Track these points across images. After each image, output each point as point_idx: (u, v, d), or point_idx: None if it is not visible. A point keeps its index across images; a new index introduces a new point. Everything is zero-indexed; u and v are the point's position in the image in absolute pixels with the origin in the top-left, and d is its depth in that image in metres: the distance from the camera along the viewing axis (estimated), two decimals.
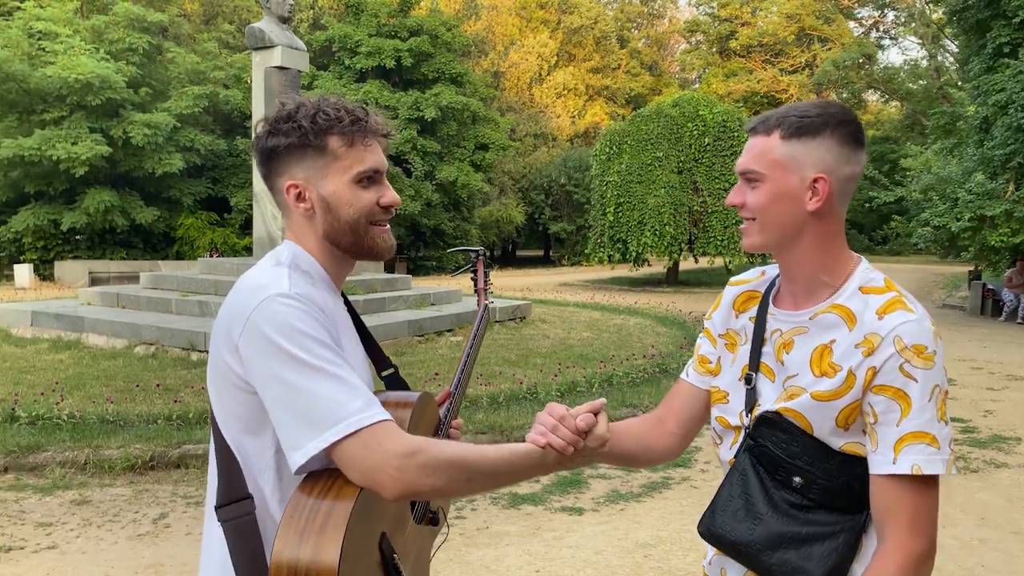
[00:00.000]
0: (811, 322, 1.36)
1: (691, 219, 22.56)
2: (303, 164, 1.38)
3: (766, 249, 1.41)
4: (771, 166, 1.35)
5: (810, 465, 1.33)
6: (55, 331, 10.00)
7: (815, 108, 1.35)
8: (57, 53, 20.95)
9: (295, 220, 1.42)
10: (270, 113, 1.42)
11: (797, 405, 1.33)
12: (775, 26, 45.89)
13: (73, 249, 23.01)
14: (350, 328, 1.48)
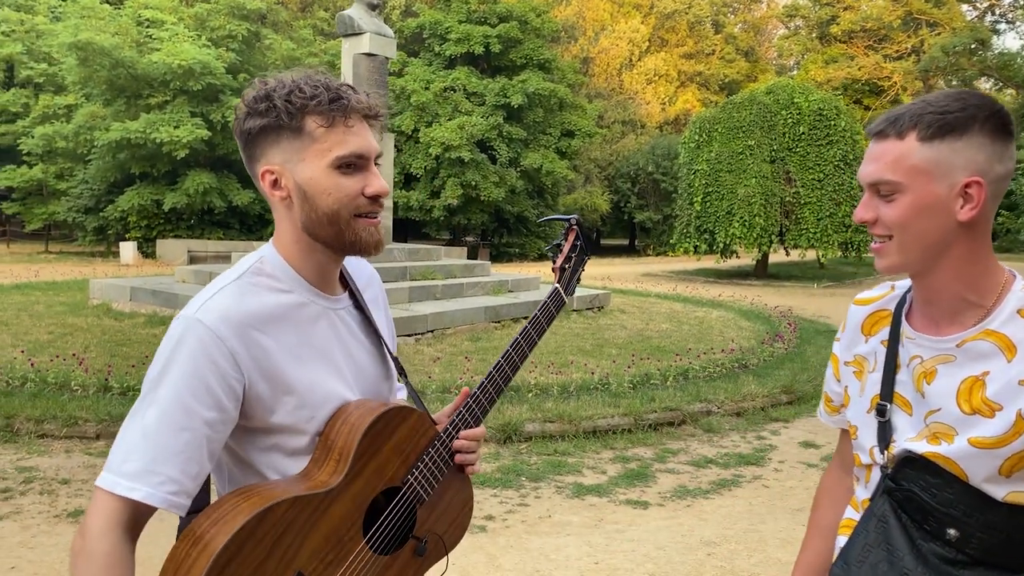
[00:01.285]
0: (959, 350, 1.19)
1: (782, 210, 21.84)
2: (279, 147, 1.24)
3: (906, 270, 1.23)
4: (911, 174, 1.16)
5: (967, 516, 1.16)
6: (151, 306, 10.49)
7: (954, 101, 1.16)
8: (162, 40, 21.90)
9: (276, 211, 1.31)
10: (248, 92, 1.28)
11: (950, 453, 1.16)
12: (880, 10, 43.84)
13: (174, 228, 24.09)
14: (344, 329, 1.36)
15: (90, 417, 5.73)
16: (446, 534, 1.40)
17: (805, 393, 7.64)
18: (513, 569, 3.87)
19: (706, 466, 5.59)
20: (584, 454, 5.73)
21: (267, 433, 1.26)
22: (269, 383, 1.23)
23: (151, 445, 1.15)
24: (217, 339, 1.18)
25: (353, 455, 1.23)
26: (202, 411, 1.17)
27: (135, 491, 1.13)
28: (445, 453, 1.39)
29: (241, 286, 1.25)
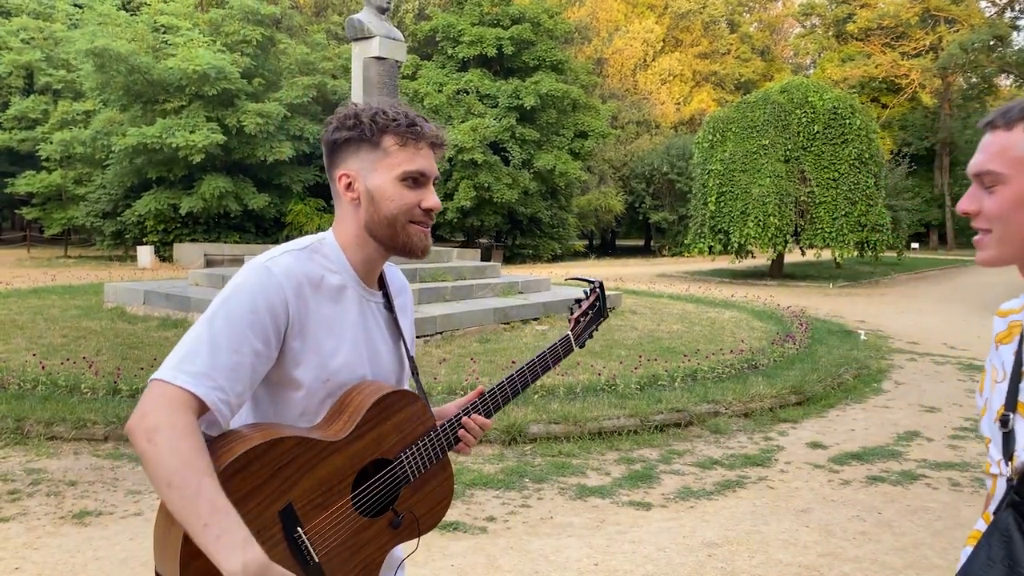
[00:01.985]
0: None
1: (797, 210, 21.70)
2: (357, 156, 1.49)
3: (1006, 263, 1.22)
4: (1014, 165, 1.17)
5: None
6: (165, 310, 10.59)
7: None
8: (178, 46, 22.12)
9: (342, 208, 1.53)
10: (340, 111, 1.53)
11: None
12: (897, 7, 43.48)
13: (191, 232, 24.31)
14: (372, 319, 1.56)
15: (99, 419, 5.79)
16: (423, 518, 1.55)
17: (815, 393, 7.59)
18: (512, 570, 3.87)
19: (711, 467, 5.57)
20: (589, 455, 5.72)
21: (287, 384, 1.44)
22: (302, 338, 1.42)
23: (210, 355, 1.31)
24: (279, 285, 1.39)
25: (361, 419, 1.43)
26: (254, 341, 1.35)
27: (196, 387, 1.28)
28: (439, 445, 1.57)
29: (302, 255, 1.47)
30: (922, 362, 10.00)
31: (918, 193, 37.14)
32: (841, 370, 8.49)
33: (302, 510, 1.36)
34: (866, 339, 11.09)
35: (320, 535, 1.38)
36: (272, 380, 1.44)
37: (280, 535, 1.33)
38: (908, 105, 44.54)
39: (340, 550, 1.41)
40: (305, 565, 1.36)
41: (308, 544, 1.36)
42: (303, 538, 1.35)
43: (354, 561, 1.44)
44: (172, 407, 1.26)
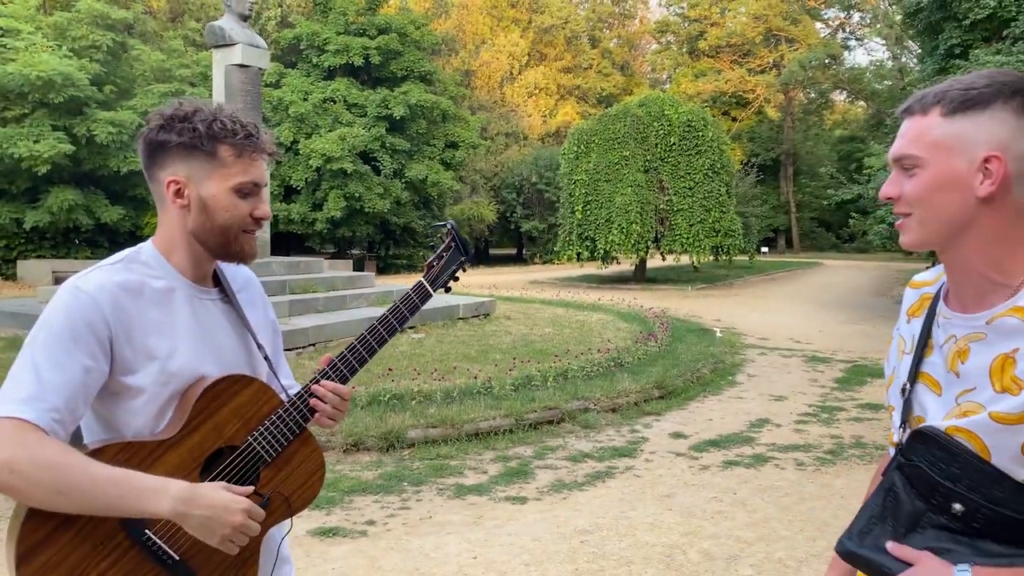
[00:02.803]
0: (988, 327, 1.16)
1: (657, 217, 22.79)
2: (188, 163, 1.45)
3: (928, 246, 1.22)
4: (931, 148, 1.16)
5: (973, 491, 1.12)
6: (12, 329, 9.95)
7: (982, 78, 1.15)
8: (18, 50, 20.67)
9: (168, 213, 1.50)
10: (164, 110, 1.49)
11: (971, 425, 1.13)
12: (743, 27, 46.42)
13: (36, 248, 22.71)
14: (208, 315, 1.53)
15: None
16: (293, 496, 1.53)
17: (676, 387, 8.07)
18: (393, 569, 3.96)
19: (582, 460, 5.85)
20: (466, 456, 5.88)
21: (126, 393, 1.42)
22: (132, 348, 1.40)
23: (35, 379, 1.30)
24: (93, 300, 1.37)
25: (192, 411, 1.41)
26: (80, 357, 1.34)
27: (27, 412, 1.26)
28: (290, 421, 1.52)
29: (116, 267, 1.45)
30: (771, 356, 10.78)
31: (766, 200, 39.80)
32: (699, 365, 9.05)
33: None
34: (721, 336, 11.83)
35: (174, 532, 1.35)
36: (111, 391, 1.41)
37: (128, 541, 1.32)
38: (755, 118, 47.57)
39: (203, 544, 1.36)
40: (165, 565, 1.35)
41: (161, 544, 1.35)
42: (152, 539, 1.34)
43: (222, 552, 1.39)
44: (14, 435, 1.25)
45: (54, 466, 1.24)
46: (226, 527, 1.31)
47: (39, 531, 1.25)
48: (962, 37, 14.81)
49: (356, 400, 6.58)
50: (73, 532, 1.28)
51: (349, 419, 6.17)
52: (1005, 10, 14.18)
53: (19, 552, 1.25)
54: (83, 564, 1.28)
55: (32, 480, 1.23)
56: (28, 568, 1.25)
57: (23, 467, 1.22)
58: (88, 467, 1.26)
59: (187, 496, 1.29)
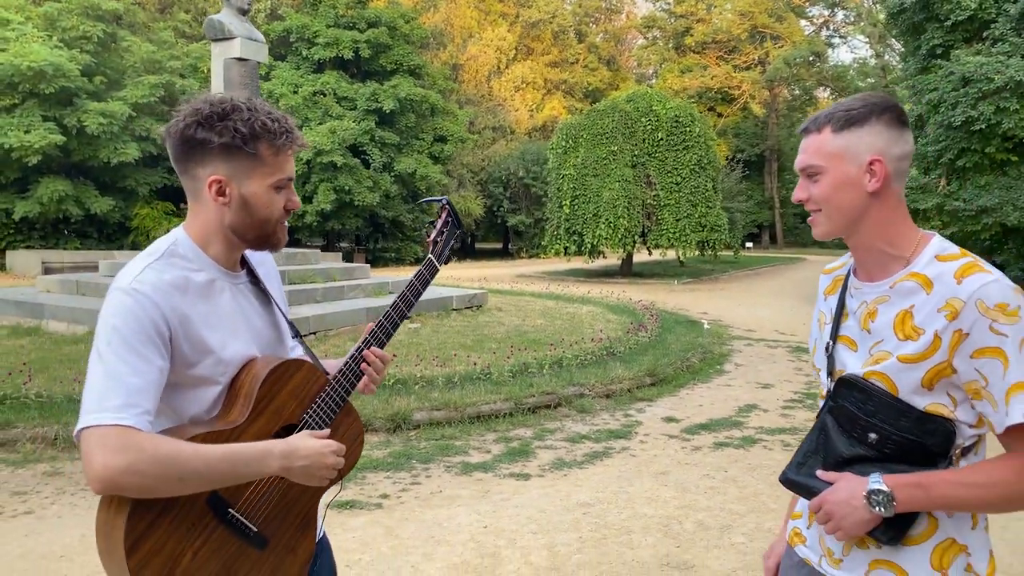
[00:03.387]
0: (891, 290, 1.45)
1: (644, 212, 23.11)
2: (230, 163, 1.51)
3: (835, 235, 1.52)
4: (828, 158, 1.46)
5: (884, 422, 1.41)
6: (14, 318, 10.09)
7: (858, 101, 1.47)
8: (9, 40, 20.67)
9: (205, 207, 1.56)
10: (198, 104, 1.52)
11: (883, 368, 1.42)
12: (729, 23, 46.82)
13: (26, 239, 22.74)
14: (244, 299, 1.64)
15: None
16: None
17: (667, 375, 8.38)
18: (410, 537, 4.23)
19: (580, 441, 6.14)
20: (470, 437, 6.15)
21: (187, 384, 1.51)
22: (190, 343, 1.49)
23: (122, 386, 1.37)
24: (152, 302, 1.44)
25: (255, 398, 1.52)
26: (154, 358, 1.42)
27: (125, 419, 1.34)
28: (336, 395, 1.67)
29: (162, 263, 1.51)
30: (758, 347, 11.12)
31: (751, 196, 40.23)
32: (689, 355, 9.36)
33: (226, 493, 1.48)
34: (709, 328, 12.16)
35: (251, 508, 1.52)
36: (171, 383, 1.48)
37: (215, 520, 1.47)
38: (741, 114, 48.04)
39: (275, 514, 1.56)
40: (246, 537, 1.51)
41: (243, 520, 1.50)
42: (236, 517, 1.49)
43: (290, 518, 1.60)
44: (123, 440, 1.32)
45: (171, 459, 1.34)
46: (322, 468, 1.51)
47: (142, 523, 1.37)
48: (944, 38, 15.21)
49: None
50: (170, 519, 1.40)
51: (357, 401, 6.42)
52: (985, 12, 14.59)
53: (128, 543, 1.36)
54: (181, 545, 1.42)
55: (156, 476, 1.32)
56: (137, 556, 1.36)
57: (144, 467, 1.31)
58: (198, 451, 1.38)
59: (288, 451, 1.46)
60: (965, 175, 14.55)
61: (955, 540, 1.43)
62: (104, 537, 1.41)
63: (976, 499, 1.36)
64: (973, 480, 1.36)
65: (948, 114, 13.97)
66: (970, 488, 1.36)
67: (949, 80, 13.98)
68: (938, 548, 1.43)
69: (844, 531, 1.43)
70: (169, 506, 1.40)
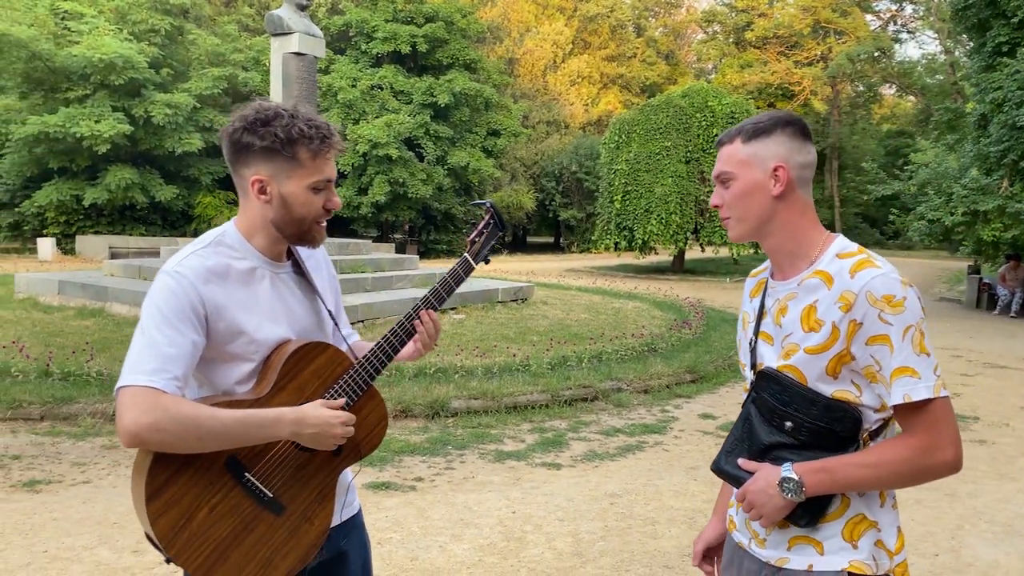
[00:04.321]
0: (799, 287, 1.57)
1: (697, 208, 22.94)
2: (271, 164, 1.65)
3: (748, 238, 1.64)
4: (738, 165, 1.59)
5: (798, 411, 1.53)
6: (80, 300, 10.59)
7: (766, 115, 1.61)
8: (82, 33, 21.54)
9: (250, 204, 1.71)
10: (246, 111, 1.67)
11: (794, 361, 1.53)
12: (791, 18, 45.89)
13: (94, 224, 23.69)
14: (285, 287, 1.76)
15: (34, 400, 5.99)
16: (362, 443, 1.79)
17: (707, 373, 8.39)
18: (441, 519, 4.39)
19: (614, 435, 6.23)
20: (505, 426, 6.29)
21: (221, 359, 1.66)
22: (225, 323, 1.63)
23: (157, 353, 1.53)
24: (191, 284, 1.60)
25: (278, 374, 1.66)
26: (189, 333, 1.57)
27: (156, 381, 1.50)
28: (361, 378, 1.76)
29: (207, 251, 1.66)
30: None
31: None
32: (731, 353, 9.34)
33: (245, 459, 1.60)
34: None
35: (268, 474, 1.63)
36: (207, 359, 1.64)
37: (232, 481, 1.59)
38: (801, 111, 47.06)
39: (292, 482, 1.67)
40: (261, 501, 1.62)
41: (258, 484, 1.62)
42: (252, 481, 1.61)
43: (308, 489, 1.69)
44: (151, 400, 1.48)
45: (191, 420, 1.48)
46: (330, 436, 1.63)
47: (163, 474, 1.52)
48: (1010, 35, 14.74)
49: (404, 372, 7.04)
50: (189, 474, 1.54)
51: (398, 388, 6.63)
52: None
53: (148, 492, 1.50)
54: (198, 500, 1.55)
55: (176, 434, 1.47)
56: (155, 504, 1.51)
57: (167, 425, 1.46)
58: (216, 415, 1.52)
59: (298, 418, 1.59)
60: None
61: (865, 516, 1.54)
62: (134, 484, 1.57)
63: (874, 478, 1.48)
64: (870, 460, 1.48)
65: (1012, 114, 13.57)
66: (868, 468, 1.48)
67: (1015, 79, 13.57)
68: (849, 523, 1.54)
69: (766, 517, 1.55)
70: (189, 463, 1.54)
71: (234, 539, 1.59)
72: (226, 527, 1.58)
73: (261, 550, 1.63)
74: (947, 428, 1.47)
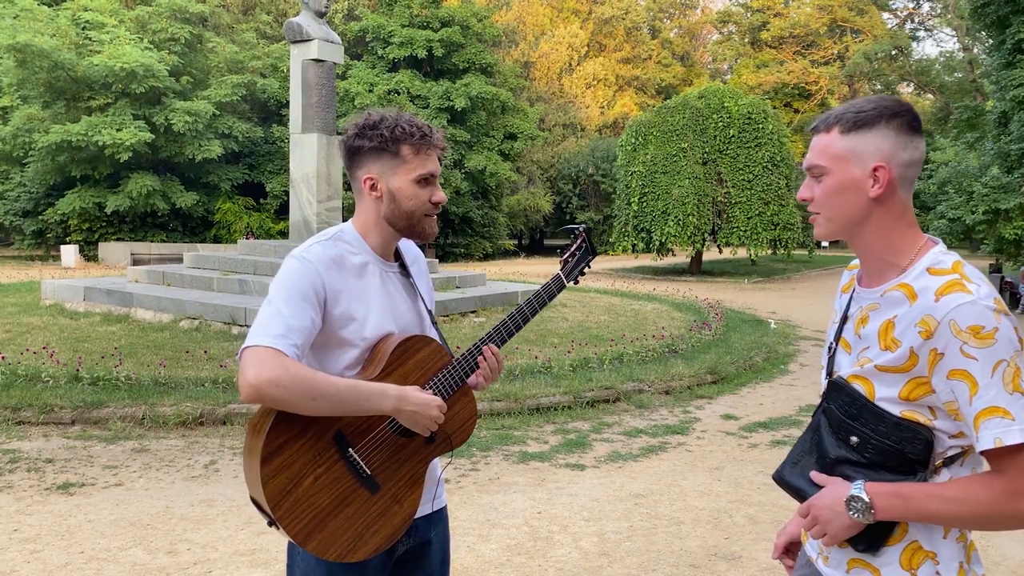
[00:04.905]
0: (882, 299, 1.45)
1: (715, 210, 22.89)
2: (379, 163, 1.81)
3: (834, 237, 1.52)
4: (833, 159, 1.46)
5: (864, 426, 1.43)
6: (106, 306, 10.73)
7: (870, 103, 1.45)
8: (103, 42, 21.81)
9: (365, 203, 1.87)
10: (358, 119, 1.85)
11: (863, 371, 1.44)
12: (807, 17, 45.69)
13: (116, 231, 23.96)
14: (392, 285, 1.89)
15: (65, 404, 6.10)
16: (453, 435, 1.89)
17: (728, 374, 8.39)
18: (467, 519, 4.43)
19: (637, 436, 6.25)
20: (528, 428, 6.33)
21: (332, 343, 1.79)
22: (339, 309, 1.77)
23: (282, 322, 1.66)
24: (315, 269, 1.75)
25: (387, 361, 1.78)
26: (309, 310, 1.71)
27: (279, 344, 1.62)
28: (457, 375, 1.87)
29: (328, 243, 1.82)
30: (824, 346, 10.96)
31: None
32: (752, 353, 9.34)
33: (350, 435, 1.72)
34: (776, 327, 12.05)
35: (368, 453, 1.74)
36: (321, 342, 1.77)
37: (337, 455, 1.70)
38: (818, 110, 46.80)
39: (388, 464, 1.77)
40: (360, 477, 1.73)
41: (360, 461, 1.73)
42: (354, 457, 1.72)
43: (401, 472, 1.80)
44: (273, 360, 1.60)
45: (308, 380, 1.60)
46: (426, 418, 1.73)
47: (279, 439, 1.63)
48: None
49: None
50: (301, 443, 1.65)
51: None
52: None
53: (264, 453, 1.62)
54: (306, 468, 1.66)
55: (293, 391, 1.58)
56: (269, 466, 1.62)
57: (286, 382, 1.58)
58: (331, 379, 1.64)
59: (402, 396, 1.70)
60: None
61: (921, 545, 1.44)
62: (249, 444, 1.68)
63: (951, 514, 1.37)
64: (951, 495, 1.37)
65: None
66: (947, 503, 1.36)
67: None
68: (907, 550, 1.45)
69: (829, 536, 1.47)
70: (303, 432, 1.65)
71: (333, 509, 1.69)
72: (327, 497, 1.68)
73: (355, 524, 1.72)
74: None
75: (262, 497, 1.63)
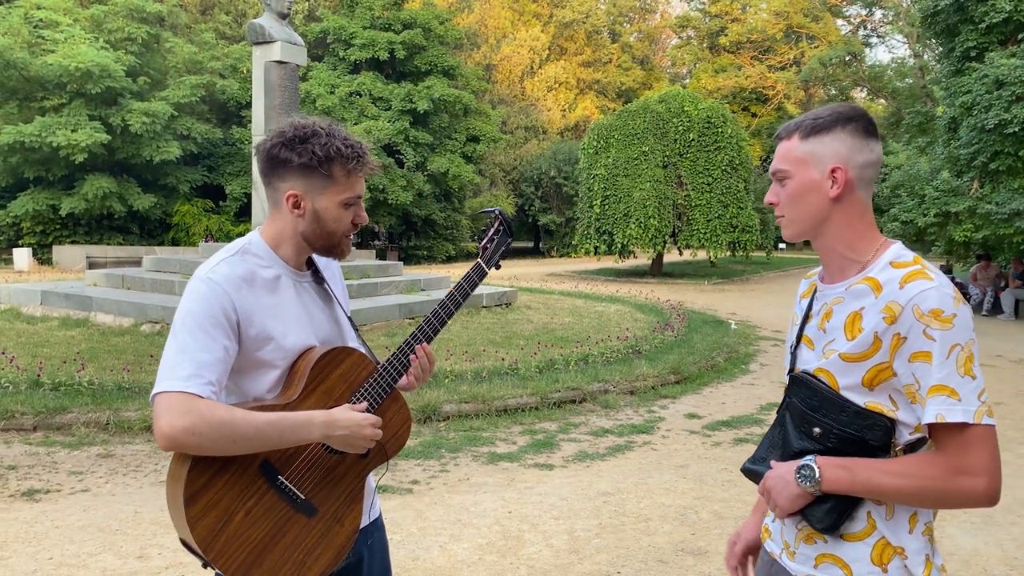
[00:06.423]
0: (847, 292, 1.50)
1: (675, 212, 23.18)
2: (306, 181, 1.71)
3: (801, 237, 1.59)
4: (795, 163, 1.53)
5: (826, 417, 1.48)
6: (64, 310, 10.54)
7: (827, 110, 1.53)
8: (57, 42, 21.37)
9: (281, 217, 1.77)
10: (284, 127, 1.73)
11: (827, 364, 1.48)
12: (764, 23, 46.50)
13: (71, 234, 23.48)
14: (307, 295, 1.82)
15: (27, 410, 6.00)
16: (387, 444, 1.83)
17: (691, 374, 8.55)
18: (439, 520, 4.48)
19: (603, 435, 6.35)
20: (496, 429, 6.40)
21: (252, 367, 1.70)
22: (255, 329, 1.67)
23: (191, 359, 1.56)
24: (224, 291, 1.64)
25: (307, 379, 1.70)
26: (221, 338, 1.61)
27: (191, 387, 1.53)
28: (385, 382, 1.81)
29: (235, 259, 1.71)
30: (784, 347, 11.21)
31: None
32: (714, 354, 9.52)
33: (278, 463, 1.65)
34: (736, 328, 12.27)
35: (300, 477, 1.67)
36: (239, 367, 1.67)
37: (266, 484, 1.63)
38: (775, 114, 47.67)
39: (322, 484, 1.71)
40: (294, 503, 1.66)
41: (291, 487, 1.66)
42: (285, 483, 1.65)
43: (338, 491, 1.74)
44: (187, 405, 1.51)
45: (226, 423, 1.52)
46: (361, 438, 1.68)
47: (200, 479, 1.55)
48: (978, 40, 15.11)
49: None
50: (225, 478, 1.57)
51: None
52: (1020, 14, 14.49)
53: (186, 496, 1.54)
54: (234, 503, 1.58)
55: (211, 437, 1.51)
56: (193, 508, 1.54)
57: (202, 428, 1.50)
58: (249, 418, 1.55)
59: (329, 421, 1.63)
60: (998, 178, 14.46)
61: (888, 541, 1.48)
62: (171, 490, 1.61)
63: (895, 488, 1.41)
64: (894, 469, 1.41)
65: (981, 117, 13.91)
66: (890, 476, 1.41)
67: (983, 83, 13.91)
68: (877, 545, 1.49)
69: (780, 507, 1.52)
70: (225, 467, 1.57)
71: (269, 541, 1.63)
72: (262, 529, 1.62)
73: (295, 552, 1.66)
74: (983, 455, 1.38)
75: (191, 540, 1.56)
